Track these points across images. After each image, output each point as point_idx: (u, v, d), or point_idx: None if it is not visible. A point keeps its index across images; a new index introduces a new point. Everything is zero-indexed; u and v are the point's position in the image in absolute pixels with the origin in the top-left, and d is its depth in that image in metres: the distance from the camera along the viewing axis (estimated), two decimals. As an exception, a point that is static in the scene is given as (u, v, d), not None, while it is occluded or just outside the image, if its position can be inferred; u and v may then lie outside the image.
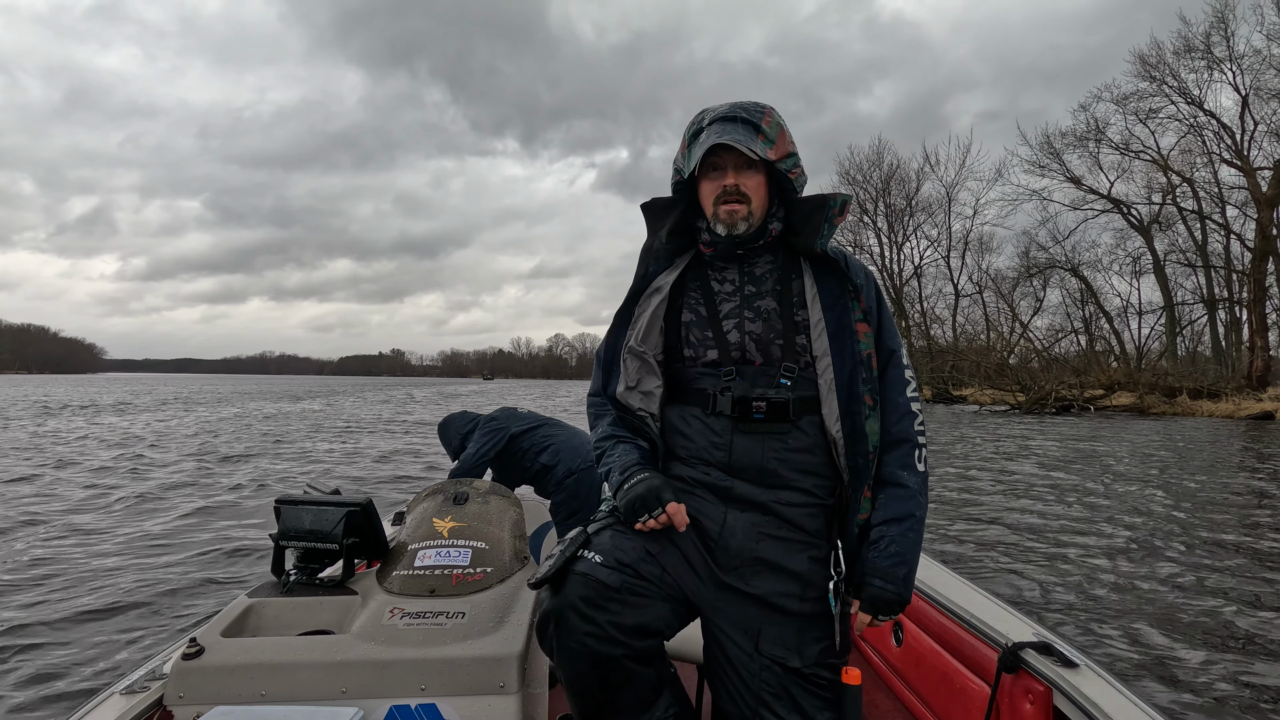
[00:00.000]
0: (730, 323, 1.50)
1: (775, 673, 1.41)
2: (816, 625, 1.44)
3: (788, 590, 1.44)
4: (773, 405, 1.44)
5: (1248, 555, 6.12)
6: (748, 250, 1.50)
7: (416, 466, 12.04)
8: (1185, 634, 4.17)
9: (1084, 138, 38.70)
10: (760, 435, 1.45)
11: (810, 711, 1.41)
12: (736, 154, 1.42)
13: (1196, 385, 29.91)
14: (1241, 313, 35.87)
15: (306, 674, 1.47)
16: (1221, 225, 36.13)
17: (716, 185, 1.45)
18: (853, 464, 1.45)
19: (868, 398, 1.44)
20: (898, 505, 1.45)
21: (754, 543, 1.45)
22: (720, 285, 1.53)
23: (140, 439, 15.66)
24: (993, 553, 6.16)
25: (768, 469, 1.45)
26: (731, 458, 1.46)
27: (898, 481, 1.46)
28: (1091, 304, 42.39)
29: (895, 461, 1.46)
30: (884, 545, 1.43)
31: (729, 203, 1.44)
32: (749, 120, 1.42)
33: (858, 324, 1.45)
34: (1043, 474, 11.11)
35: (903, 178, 46.62)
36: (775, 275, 1.51)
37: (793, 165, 1.45)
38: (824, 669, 1.43)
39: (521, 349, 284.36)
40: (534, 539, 2.36)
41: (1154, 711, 1.41)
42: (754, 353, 1.48)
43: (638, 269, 1.58)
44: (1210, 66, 33.76)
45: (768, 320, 1.48)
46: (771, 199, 1.49)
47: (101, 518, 7.47)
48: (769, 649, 1.42)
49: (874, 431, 1.44)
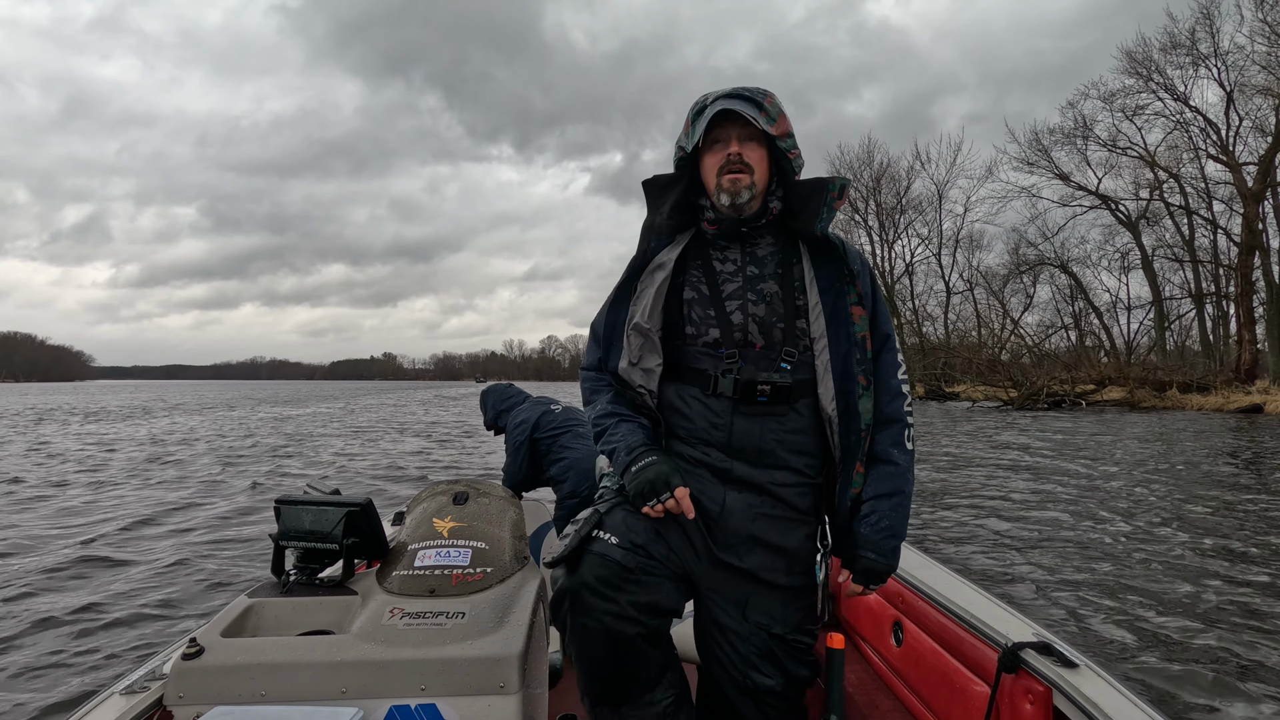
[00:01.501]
0: (734, 303, 1.52)
1: (762, 637, 1.51)
2: (799, 596, 1.54)
3: (775, 565, 1.52)
4: (776, 389, 1.47)
5: (1247, 552, 6.17)
6: (750, 230, 1.53)
7: (416, 468, 12.01)
8: (1186, 633, 4.18)
9: (1072, 134, 39.05)
10: (760, 417, 1.49)
11: (790, 669, 1.52)
12: (739, 126, 1.46)
13: (1186, 379, 30.16)
14: (1229, 307, 36.21)
15: (306, 674, 1.46)
16: (1208, 220, 36.47)
17: (720, 156, 1.47)
18: (845, 442, 1.50)
19: (861, 378, 1.48)
20: (889, 481, 1.51)
21: (750, 522, 1.51)
22: (722, 265, 1.54)
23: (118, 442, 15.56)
24: (992, 551, 6.20)
25: (765, 450, 1.49)
26: (731, 439, 1.50)
27: (889, 459, 1.52)
28: (1081, 300, 42.76)
29: (887, 440, 1.52)
30: (875, 520, 1.50)
31: (733, 171, 1.46)
32: (751, 99, 1.45)
33: (853, 307, 1.50)
34: (1037, 470, 11.18)
35: (894, 176, 46.86)
36: (777, 258, 1.54)
37: (792, 145, 1.48)
38: (804, 634, 1.54)
39: (514, 351, 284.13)
40: (534, 539, 2.36)
41: (1154, 711, 1.41)
42: (756, 335, 1.50)
43: (639, 245, 1.60)
44: (1196, 63, 34.11)
45: (770, 304, 1.51)
46: (771, 177, 1.52)
47: (100, 518, 7.42)
48: (755, 616, 1.51)
49: (866, 410, 1.49)
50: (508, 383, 3.57)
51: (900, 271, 47.36)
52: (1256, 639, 4.07)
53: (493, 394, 3.47)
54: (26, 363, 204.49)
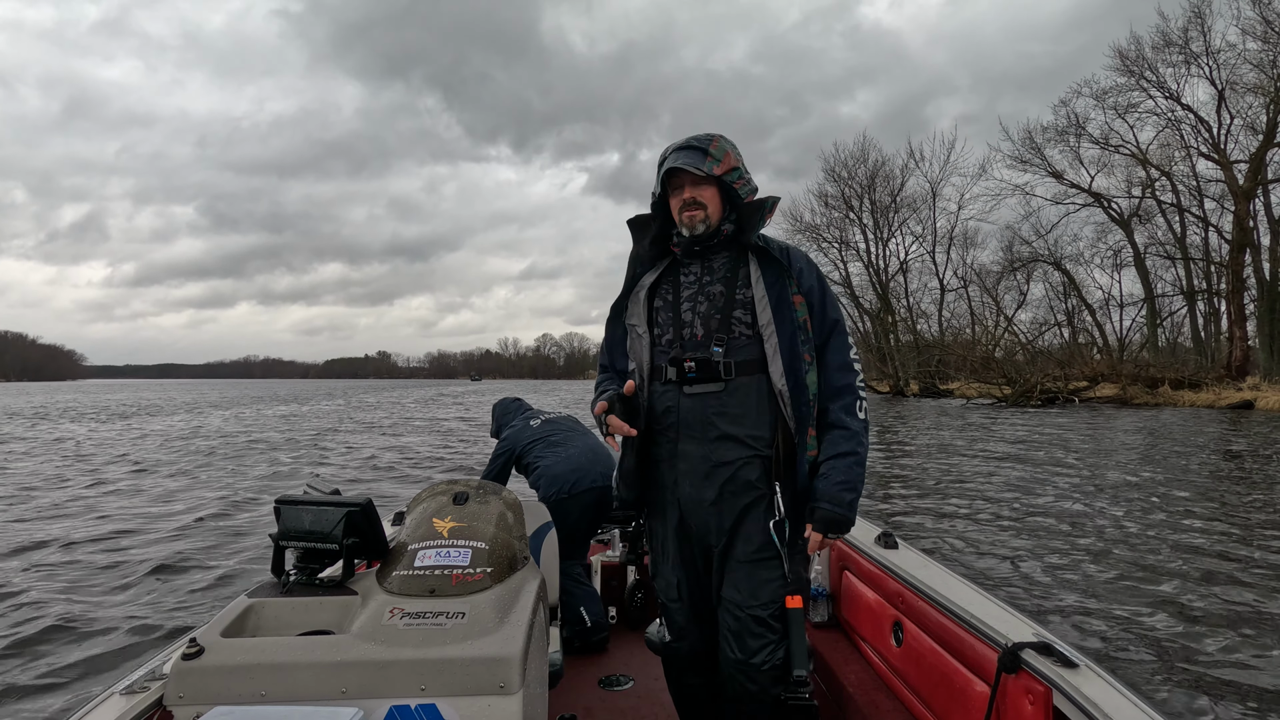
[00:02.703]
0: (686, 305, 1.85)
1: (733, 614, 1.77)
2: (763, 568, 1.76)
3: (740, 546, 1.78)
4: (701, 363, 1.76)
5: (1244, 550, 6.18)
6: (705, 248, 1.85)
7: (417, 465, 11.99)
8: (1185, 633, 4.19)
9: (1065, 132, 39.10)
10: (701, 396, 1.78)
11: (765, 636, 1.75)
12: (689, 174, 1.78)
13: (1178, 376, 30.33)
14: (1220, 304, 36.42)
15: (306, 674, 1.46)
16: (1200, 218, 36.62)
17: (679, 199, 1.82)
18: (797, 412, 1.75)
19: (806, 355, 1.75)
20: (843, 443, 1.75)
21: (708, 494, 1.78)
22: (685, 277, 1.89)
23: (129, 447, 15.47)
24: (990, 550, 6.22)
25: (707, 421, 1.77)
26: (679, 416, 1.80)
27: (841, 425, 1.76)
28: (1074, 297, 42.88)
29: (840, 409, 1.77)
30: (831, 475, 1.73)
31: (689, 210, 1.80)
32: (698, 147, 1.78)
33: (794, 297, 1.78)
34: (1032, 468, 11.23)
35: (888, 174, 46.87)
36: (727, 266, 1.85)
37: (736, 177, 1.80)
38: (774, 604, 1.75)
39: (509, 349, 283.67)
40: (534, 539, 2.36)
41: (1154, 711, 1.41)
42: (697, 327, 1.81)
43: (628, 271, 1.96)
44: (1187, 61, 34.22)
45: (713, 300, 1.82)
46: (724, 205, 1.83)
47: (98, 520, 7.39)
48: (728, 593, 1.79)
49: (813, 383, 1.76)
50: (516, 398, 3.83)
51: (895, 269, 47.46)
52: (1256, 638, 4.09)
53: (498, 408, 3.76)
54: (17, 362, 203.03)
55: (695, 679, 1.94)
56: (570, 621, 3.10)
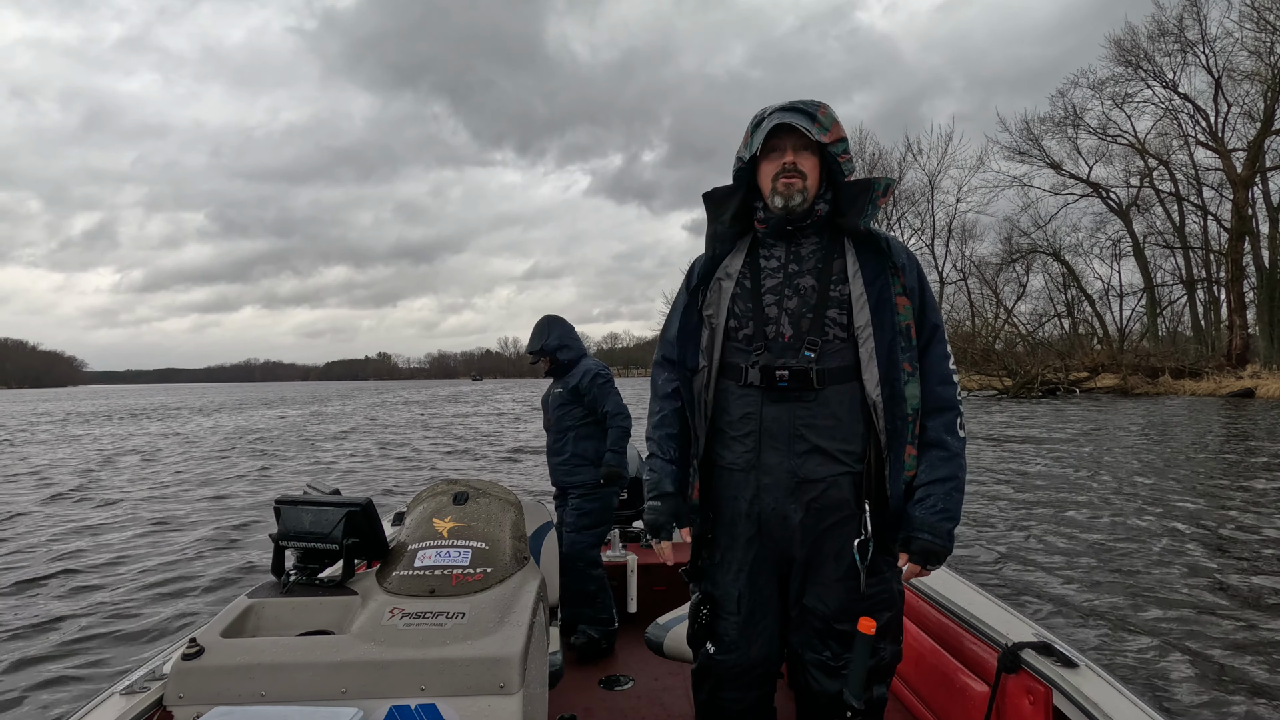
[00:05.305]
0: (770, 298, 1.63)
1: (815, 626, 1.63)
2: (843, 583, 1.60)
3: (830, 566, 1.62)
4: (795, 373, 1.56)
5: (1245, 546, 6.14)
6: (796, 229, 1.63)
7: (414, 466, 11.99)
8: (1185, 632, 4.17)
9: (1062, 123, 39.13)
10: (787, 403, 1.58)
11: (837, 650, 1.62)
12: (794, 136, 1.58)
13: (1178, 365, 30.34)
14: (1220, 292, 36.40)
15: (306, 674, 1.46)
16: (1198, 207, 36.61)
17: (776, 164, 1.60)
18: (891, 426, 1.55)
19: (906, 365, 1.56)
20: (943, 467, 1.57)
21: (793, 511, 1.60)
22: (767, 262, 1.66)
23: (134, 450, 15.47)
24: (989, 549, 6.21)
25: (795, 434, 1.58)
26: (762, 425, 1.60)
27: (942, 444, 1.58)
28: (1074, 288, 42.91)
29: (940, 427, 1.59)
30: (930, 502, 1.56)
31: (788, 176, 1.59)
32: (806, 110, 1.58)
33: (898, 298, 1.58)
34: (1032, 460, 11.22)
35: (885, 168, 46.74)
36: (818, 255, 1.64)
37: (843, 150, 1.60)
38: (849, 619, 1.60)
39: (509, 349, 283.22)
40: (534, 539, 2.36)
41: (1154, 711, 1.42)
42: (786, 326, 1.60)
43: (705, 252, 1.74)
44: (1184, 50, 34.18)
45: (804, 296, 1.61)
46: (822, 182, 1.63)
47: (98, 521, 7.39)
48: (810, 602, 1.63)
49: (913, 396, 1.57)
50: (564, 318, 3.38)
51: (893, 263, 47.25)
52: (1256, 637, 4.07)
53: (560, 324, 3.31)
54: (18, 369, 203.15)
55: (733, 693, 1.76)
56: (598, 621, 3.06)
